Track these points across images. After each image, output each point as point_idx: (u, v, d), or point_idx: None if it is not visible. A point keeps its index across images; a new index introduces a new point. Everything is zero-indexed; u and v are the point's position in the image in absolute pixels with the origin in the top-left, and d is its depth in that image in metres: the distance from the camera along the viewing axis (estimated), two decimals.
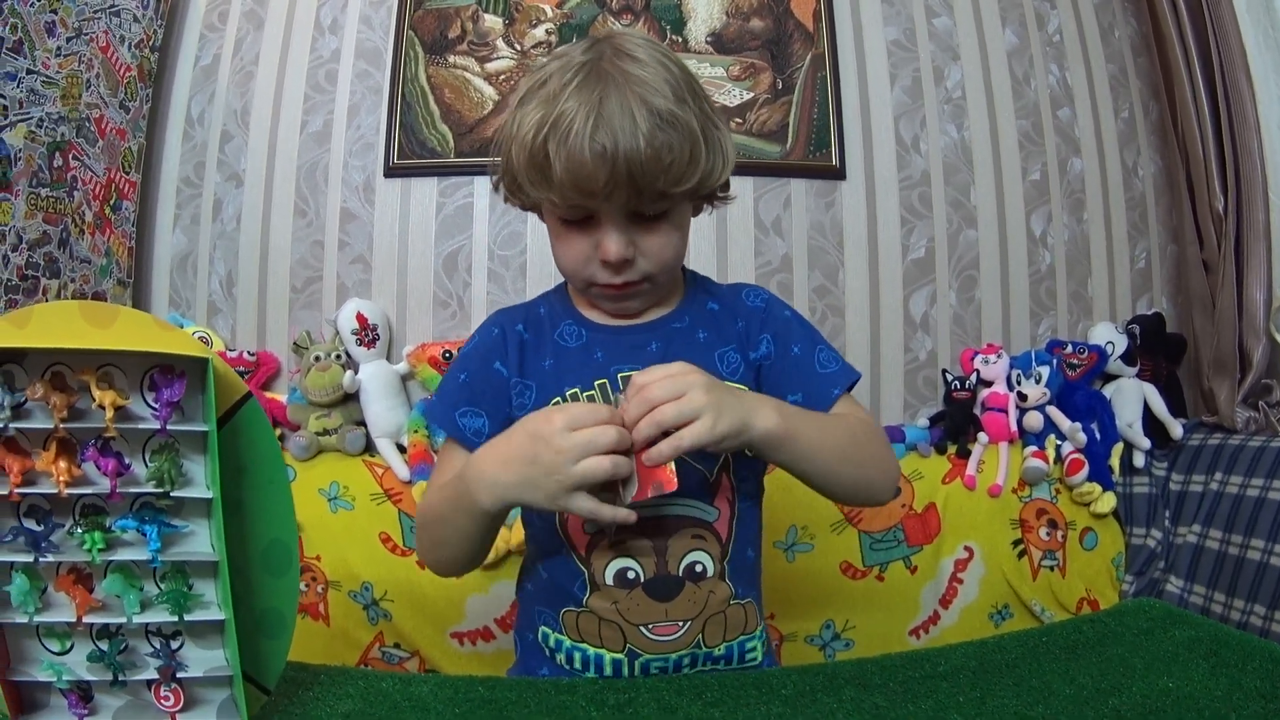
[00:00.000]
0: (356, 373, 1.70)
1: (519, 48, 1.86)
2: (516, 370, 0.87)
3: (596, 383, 0.84)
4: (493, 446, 0.74)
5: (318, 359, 1.69)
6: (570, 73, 0.77)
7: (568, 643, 0.84)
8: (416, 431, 1.66)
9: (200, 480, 0.62)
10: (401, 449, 1.67)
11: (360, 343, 1.72)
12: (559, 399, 0.84)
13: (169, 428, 0.59)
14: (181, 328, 1.75)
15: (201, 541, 0.63)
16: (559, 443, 0.66)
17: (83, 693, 0.62)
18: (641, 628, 0.80)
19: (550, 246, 0.86)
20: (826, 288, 1.86)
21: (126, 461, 0.60)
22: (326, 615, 1.54)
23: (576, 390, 0.84)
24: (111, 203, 1.70)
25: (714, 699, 0.71)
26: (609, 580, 0.81)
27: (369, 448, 1.69)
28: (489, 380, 0.87)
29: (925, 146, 1.91)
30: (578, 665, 0.83)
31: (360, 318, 1.72)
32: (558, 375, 0.86)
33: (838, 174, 1.87)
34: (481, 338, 0.90)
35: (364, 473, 1.62)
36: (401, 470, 1.61)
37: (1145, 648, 0.78)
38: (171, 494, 0.60)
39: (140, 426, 0.60)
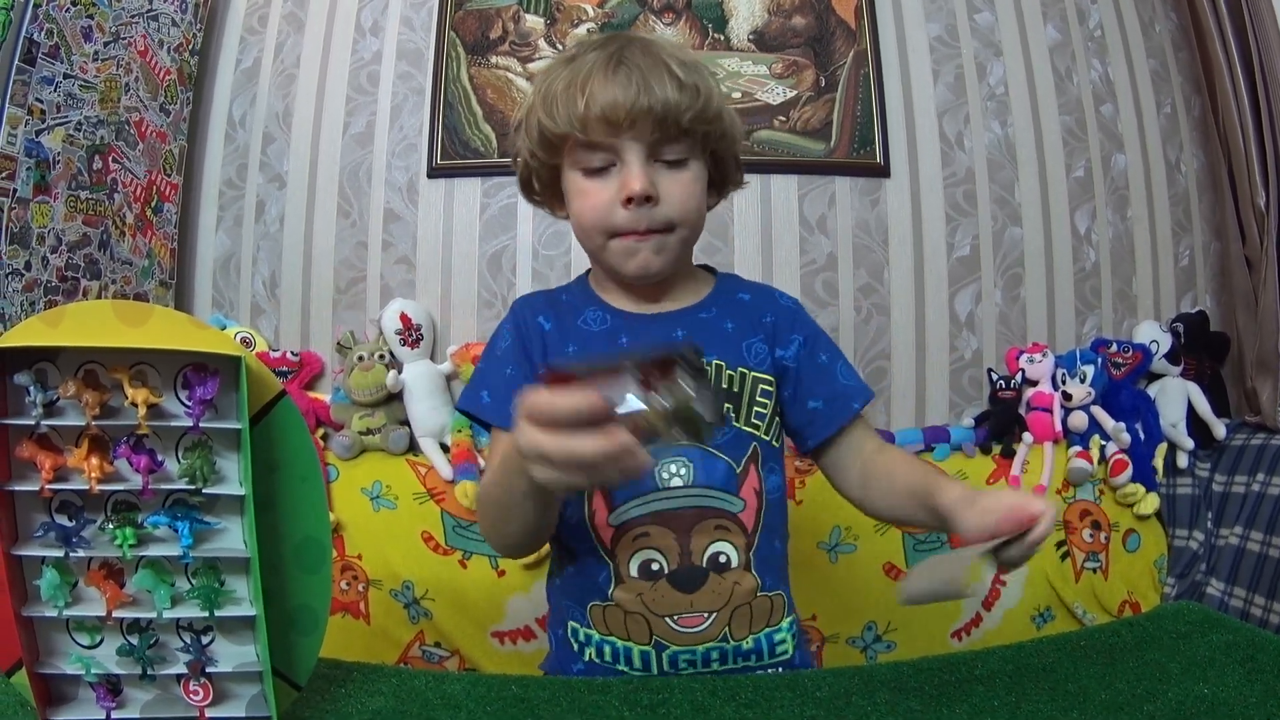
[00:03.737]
0: (400, 372, 1.64)
1: (561, 48, 1.77)
2: (541, 359, 0.84)
3: None
4: None
5: (361, 359, 1.62)
6: (589, 44, 0.80)
7: (597, 636, 0.81)
8: (460, 431, 1.59)
9: (233, 477, 0.60)
10: (445, 448, 1.60)
11: (404, 343, 1.65)
12: None
13: (202, 425, 0.57)
14: (224, 329, 1.69)
15: (234, 538, 0.61)
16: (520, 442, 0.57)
17: (111, 686, 0.60)
18: (667, 619, 0.78)
19: (570, 212, 0.83)
20: (872, 286, 1.76)
21: (159, 459, 0.58)
22: (367, 614, 1.50)
23: None
24: (153, 205, 1.65)
25: (748, 700, 0.68)
26: (634, 572, 0.79)
27: (412, 447, 1.62)
28: (531, 369, 0.84)
29: (969, 143, 1.80)
30: (608, 658, 0.81)
31: (404, 318, 1.65)
32: None
33: (882, 172, 1.77)
34: (513, 329, 0.86)
35: (407, 472, 1.57)
36: (445, 470, 1.55)
37: (1182, 652, 0.74)
38: (204, 491, 0.58)
39: (173, 424, 0.58)
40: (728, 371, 0.82)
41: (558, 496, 0.73)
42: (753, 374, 0.83)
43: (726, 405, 0.62)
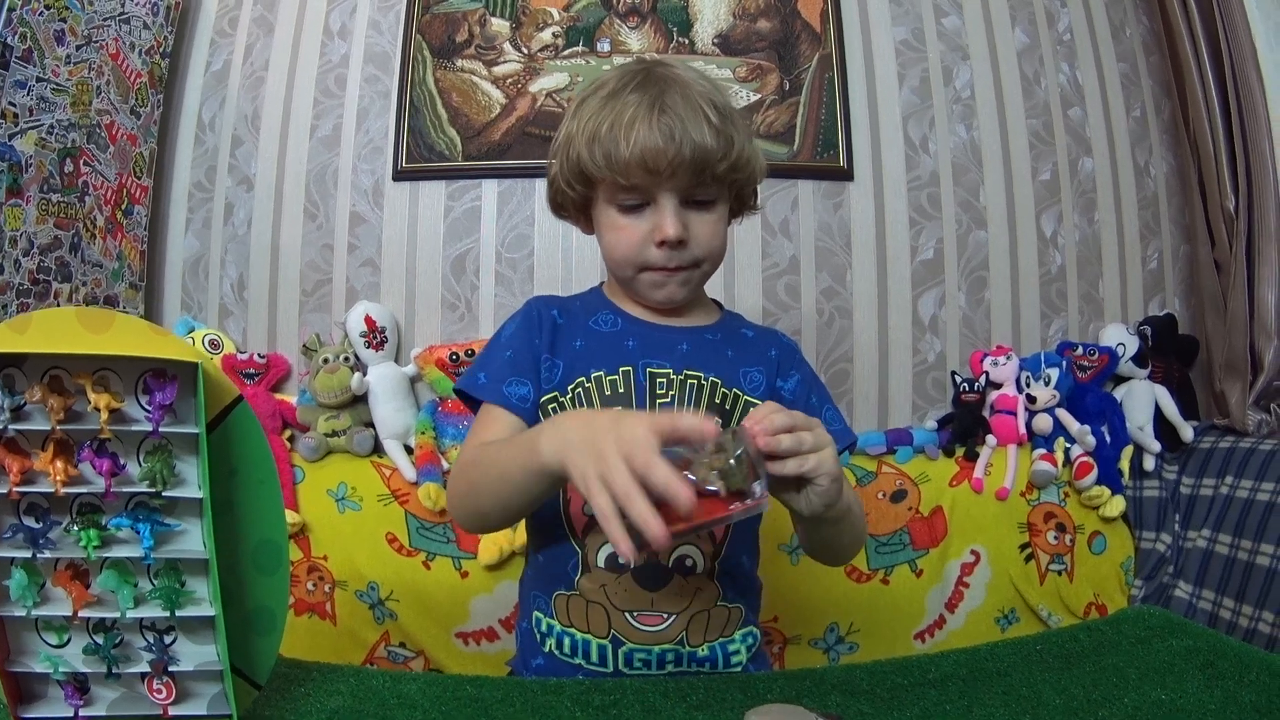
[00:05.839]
0: (365, 375, 1.70)
1: (526, 51, 1.85)
2: (548, 348, 0.90)
3: (621, 369, 0.88)
4: (579, 411, 0.79)
5: (326, 361, 1.69)
6: (628, 78, 0.86)
7: (558, 627, 0.86)
8: (424, 433, 1.66)
9: (193, 480, 0.63)
10: (409, 450, 1.67)
11: (369, 345, 1.72)
12: (584, 379, 0.88)
13: (161, 429, 0.60)
14: (193, 330, 1.76)
15: (194, 540, 0.64)
16: (632, 431, 0.61)
17: (79, 684, 0.63)
18: (627, 614, 0.83)
19: (601, 240, 0.91)
20: (834, 289, 1.83)
21: (121, 462, 0.61)
22: (333, 614, 1.55)
23: (601, 374, 0.88)
24: (123, 207, 1.71)
25: (698, 702, 0.71)
26: (600, 563, 0.84)
27: (377, 449, 1.69)
28: (531, 354, 0.90)
29: (934, 147, 1.88)
30: (566, 651, 0.86)
31: (369, 320, 1.72)
32: (588, 356, 0.90)
33: (845, 175, 1.84)
34: (523, 319, 0.93)
35: (372, 474, 1.63)
36: (409, 471, 1.61)
37: (1141, 657, 0.77)
38: (164, 494, 0.61)
39: (134, 428, 0.61)
40: (722, 389, 0.90)
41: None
42: (745, 397, 0.91)
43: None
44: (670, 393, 0.88)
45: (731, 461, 0.61)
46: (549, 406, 0.88)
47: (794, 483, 0.69)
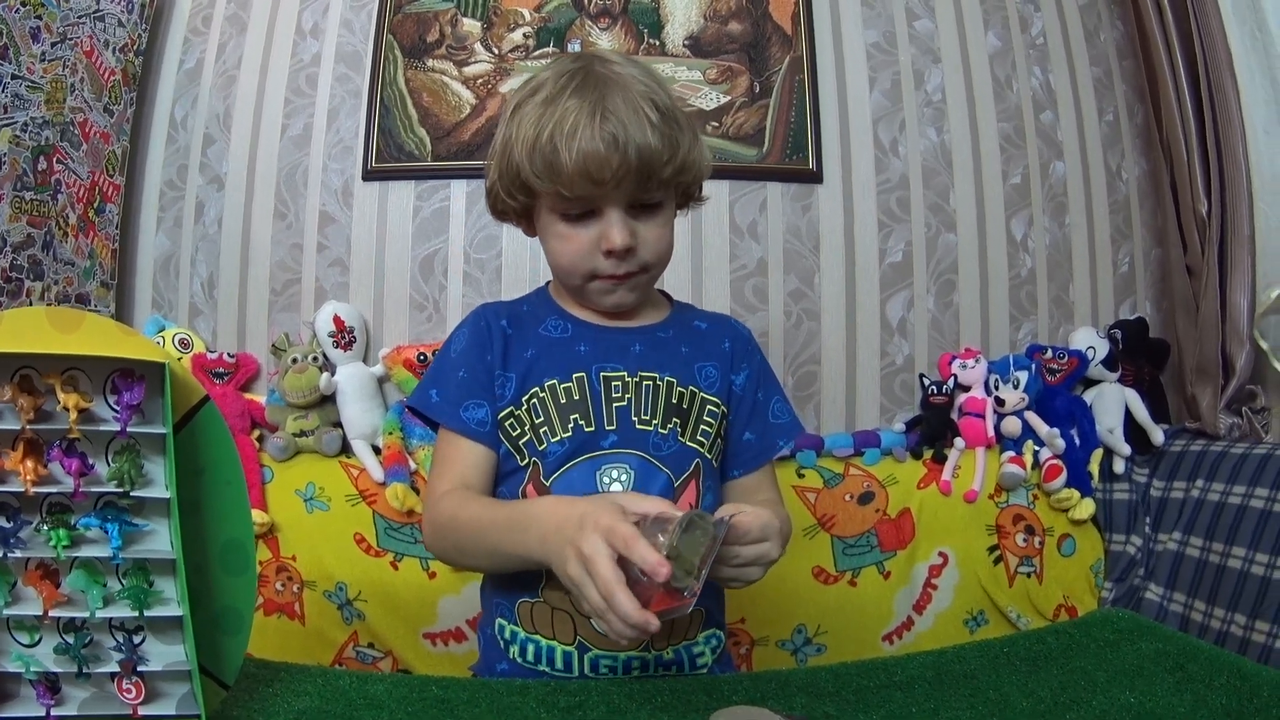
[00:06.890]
0: (333, 375, 1.73)
1: (497, 51, 1.88)
2: (500, 363, 0.90)
3: (575, 376, 0.88)
4: (558, 503, 0.76)
5: (295, 361, 1.71)
6: (565, 78, 0.84)
7: (522, 634, 0.87)
8: (391, 434, 1.68)
9: (160, 481, 0.65)
10: (377, 450, 1.69)
11: (337, 345, 1.75)
12: (538, 389, 0.88)
13: (129, 429, 0.62)
14: (164, 330, 1.79)
15: (162, 540, 0.65)
16: (593, 547, 0.64)
17: (50, 684, 0.64)
18: (592, 620, 0.81)
19: (545, 248, 0.91)
20: (802, 291, 1.86)
21: (90, 462, 0.62)
22: (302, 615, 1.58)
23: (555, 382, 0.88)
24: (95, 205, 1.73)
25: (663, 704, 0.72)
26: None
27: (345, 449, 1.71)
28: (485, 372, 0.90)
29: (904, 150, 1.91)
30: (530, 658, 0.86)
31: (337, 320, 1.75)
32: (540, 365, 0.90)
33: (815, 177, 1.87)
34: (471, 332, 0.93)
35: (340, 474, 1.65)
36: (376, 472, 1.64)
37: (1110, 660, 0.78)
38: (132, 494, 0.63)
39: (102, 428, 0.62)
40: (678, 389, 0.90)
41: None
42: (702, 394, 0.92)
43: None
44: (626, 396, 0.88)
45: (683, 572, 0.63)
46: (506, 423, 0.89)
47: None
